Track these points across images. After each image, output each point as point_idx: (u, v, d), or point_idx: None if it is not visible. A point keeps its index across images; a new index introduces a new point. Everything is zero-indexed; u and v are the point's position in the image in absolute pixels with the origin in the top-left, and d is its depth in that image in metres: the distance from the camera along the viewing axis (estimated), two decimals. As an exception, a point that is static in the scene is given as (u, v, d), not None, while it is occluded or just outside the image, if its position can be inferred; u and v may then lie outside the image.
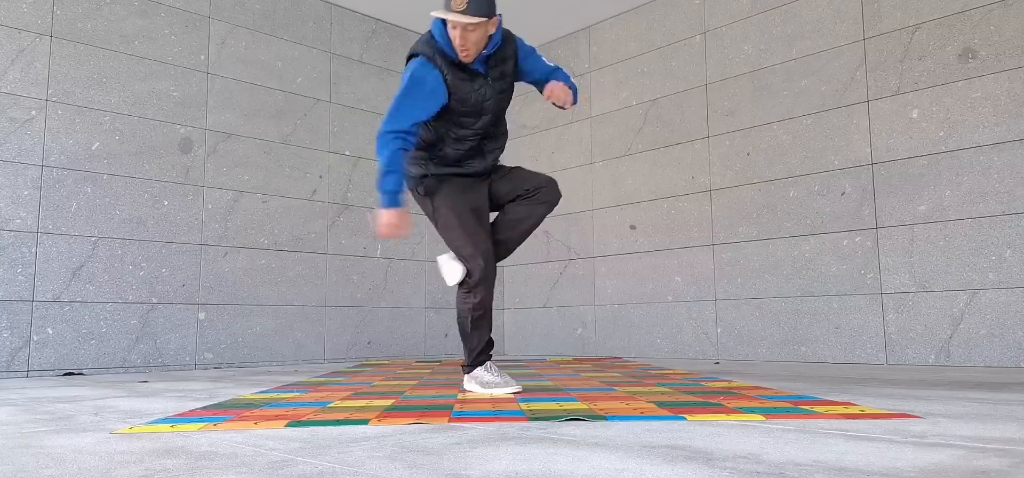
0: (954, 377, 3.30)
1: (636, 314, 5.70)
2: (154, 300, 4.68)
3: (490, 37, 2.71)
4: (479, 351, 2.80)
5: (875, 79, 4.53)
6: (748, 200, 5.07)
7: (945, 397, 2.43)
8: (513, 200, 2.89)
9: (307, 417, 2.05)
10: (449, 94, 2.68)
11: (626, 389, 2.78)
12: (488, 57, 2.75)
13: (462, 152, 2.79)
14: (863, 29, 4.60)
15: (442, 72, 2.67)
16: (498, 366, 3.06)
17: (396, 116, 2.66)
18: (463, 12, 2.55)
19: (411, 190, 2.88)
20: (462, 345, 2.88)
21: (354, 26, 5.93)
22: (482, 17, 2.58)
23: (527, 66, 2.85)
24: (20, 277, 4.21)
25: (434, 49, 2.70)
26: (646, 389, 2.77)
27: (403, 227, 2.66)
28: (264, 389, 3.08)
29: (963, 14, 4.21)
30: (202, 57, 5.04)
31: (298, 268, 5.39)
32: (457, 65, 2.69)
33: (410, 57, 2.79)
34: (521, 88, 6.87)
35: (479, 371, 2.78)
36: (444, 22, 2.67)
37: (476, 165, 2.83)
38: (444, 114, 2.73)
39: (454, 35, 2.62)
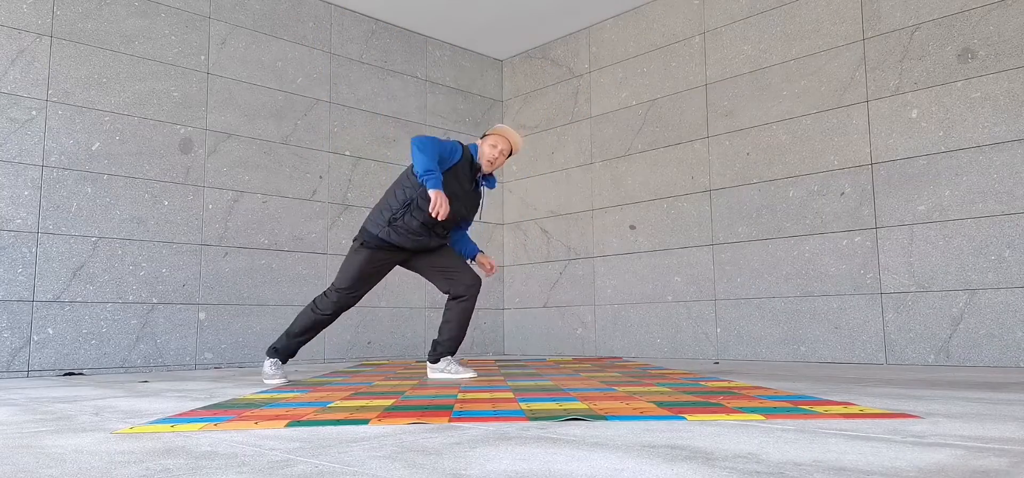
0: (954, 377, 3.30)
1: (636, 314, 5.70)
2: (154, 300, 4.68)
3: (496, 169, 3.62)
4: (289, 350, 3.49)
5: (874, 79, 4.53)
6: (748, 200, 5.07)
7: (945, 397, 2.44)
8: (447, 292, 3.59)
9: (307, 417, 2.05)
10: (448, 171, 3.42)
11: (626, 389, 2.78)
12: (484, 181, 3.59)
13: (417, 225, 3.41)
14: (862, 29, 4.61)
15: (460, 158, 3.46)
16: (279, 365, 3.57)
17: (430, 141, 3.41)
18: (518, 141, 3.56)
19: (356, 238, 3.53)
20: (290, 328, 3.48)
21: (354, 26, 5.93)
22: (515, 151, 3.60)
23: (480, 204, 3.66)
24: (20, 277, 4.21)
25: (466, 147, 3.53)
26: (646, 389, 2.78)
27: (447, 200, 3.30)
28: (264, 389, 3.08)
29: (962, 14, 4.22)
30: (202, 57, 5.04)
31: (298, 268, 5.39)
32: (469, 165, 3.50)
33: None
34: (521, 91, 6.87)
35: (276, 361, 3.47)
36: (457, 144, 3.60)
37: (421, 241, 3.47)
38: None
39: (496, 151, 3.49)
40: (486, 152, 3.48)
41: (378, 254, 3.45)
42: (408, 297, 6.03)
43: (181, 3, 4.96)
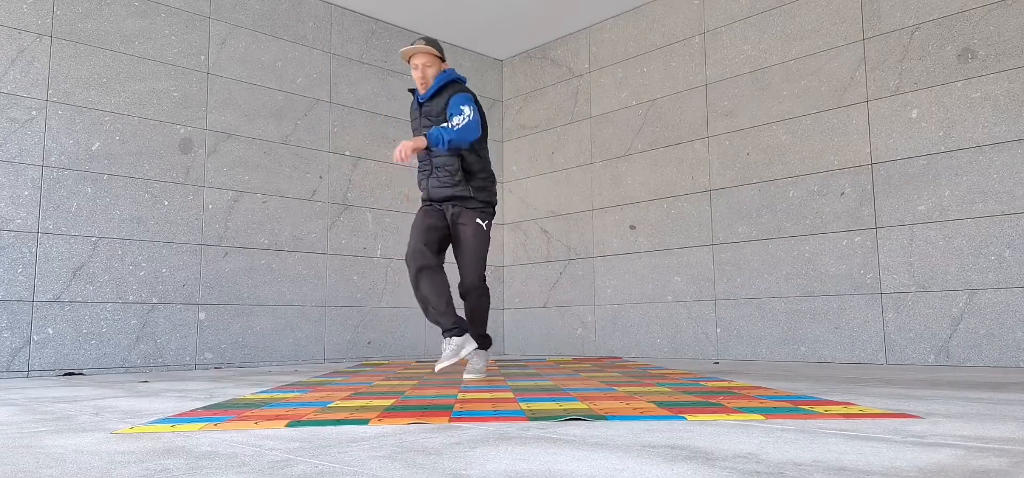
0: (954, 377, 3.30)
1: (636, 314, 5.70)
2: (154, 300, 4.68)
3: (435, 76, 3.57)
4: (442, 326, 3.41)
5: (874, 79, 4.53)
6: (748, 200, 5.07)
7: (945, 397, 2.44)
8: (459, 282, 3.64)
9: (307, 417, 2.05)
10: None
11: (626, 389, 2.78)
12: (430, 96, 3.55)
13: (419, 173, 3.65)
14: (863, 29, 4.61)
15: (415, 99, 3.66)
16: (451, 343, 3.47)
17: None
18: (420, 42, 3.49)
19: None
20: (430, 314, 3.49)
21: (354, 26, 5.93)
22: (433, 52, 3.50)
23: (447, 111, 3.51)
24: (20, 277, 4.21)
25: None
26: (646, 389, 2.78)
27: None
28: (264, 389, 3.08)
29: (962, 14, 4.22)
30: (202, 57, 5.04)
31: (298, 268, 5.39)
32: (415, 100, 3.65)
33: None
34: (521, 91, 6.87)
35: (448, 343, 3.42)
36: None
37: (426, 184, 3.59)
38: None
39: (418, 73, 3.55)
40: (415, 78, 3.58)
41: (424, 207, 3.63)
42: (408, 297, 6.03)
43: (181, 3, 4.96)
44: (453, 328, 3.35)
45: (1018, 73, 4.01)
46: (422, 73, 3.50)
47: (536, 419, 1.97)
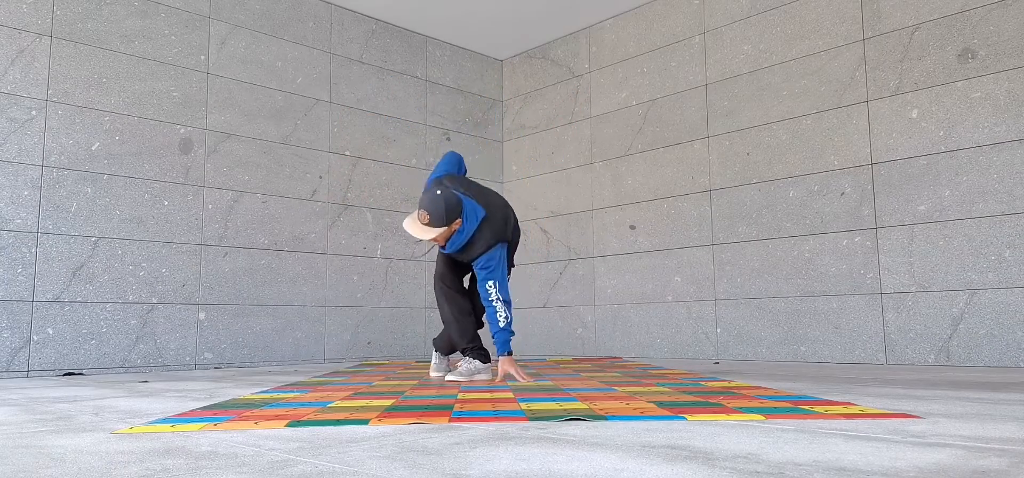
0: (954, 377, 3.30)
1: (636, 314, 5.70)
2: (154, 300, 4.68)
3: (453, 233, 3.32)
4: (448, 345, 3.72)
5: (875, 79, 4.53)
6: (748, 200, 5.07)
7: (945, 397, 2.44)
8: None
9: (307, 417, 2.05)
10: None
11: (626, 389, 2.78)
12: (461, 247, 3.37)
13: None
14: (863, 29, 4.61)
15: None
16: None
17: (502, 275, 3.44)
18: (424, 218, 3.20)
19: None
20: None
21: (354, 26, 5.93)
22: (433, 226, 3.17)
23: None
24: (20, 277, 4.21)
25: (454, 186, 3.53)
26: (646, 389, 2.78)
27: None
28: (264, 389, 3.08)
29: (963, 14, 4.22)
30: (202, 57, 5.04)
31: (298, 268, 5.39)
32: None
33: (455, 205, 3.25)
34: (521, 91, 6.86)
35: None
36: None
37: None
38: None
39: (429, 237, 3.37)
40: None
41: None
42: (408, 297, 6.03)
43: (181, 3, 4.96)
44: (470, 347, 3.58)
45: (1018, 73, 4.01)
46: (440, 242, 3.29)
47: (536, 419, 1.97)
